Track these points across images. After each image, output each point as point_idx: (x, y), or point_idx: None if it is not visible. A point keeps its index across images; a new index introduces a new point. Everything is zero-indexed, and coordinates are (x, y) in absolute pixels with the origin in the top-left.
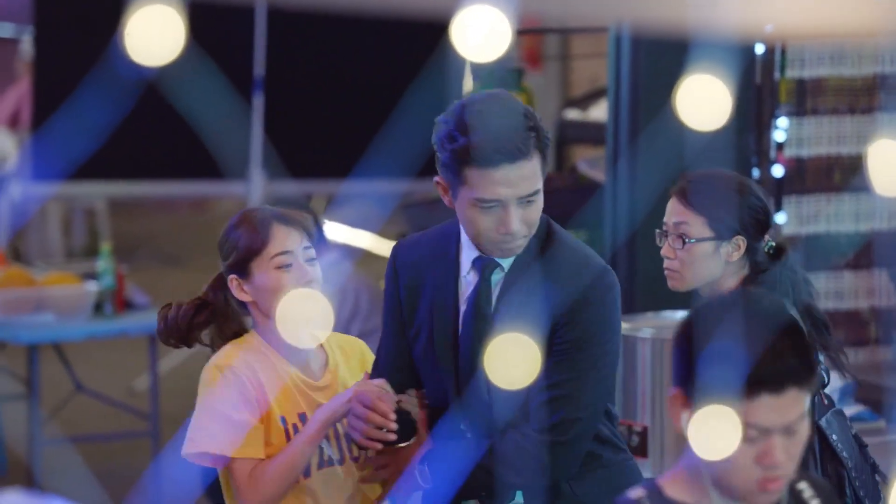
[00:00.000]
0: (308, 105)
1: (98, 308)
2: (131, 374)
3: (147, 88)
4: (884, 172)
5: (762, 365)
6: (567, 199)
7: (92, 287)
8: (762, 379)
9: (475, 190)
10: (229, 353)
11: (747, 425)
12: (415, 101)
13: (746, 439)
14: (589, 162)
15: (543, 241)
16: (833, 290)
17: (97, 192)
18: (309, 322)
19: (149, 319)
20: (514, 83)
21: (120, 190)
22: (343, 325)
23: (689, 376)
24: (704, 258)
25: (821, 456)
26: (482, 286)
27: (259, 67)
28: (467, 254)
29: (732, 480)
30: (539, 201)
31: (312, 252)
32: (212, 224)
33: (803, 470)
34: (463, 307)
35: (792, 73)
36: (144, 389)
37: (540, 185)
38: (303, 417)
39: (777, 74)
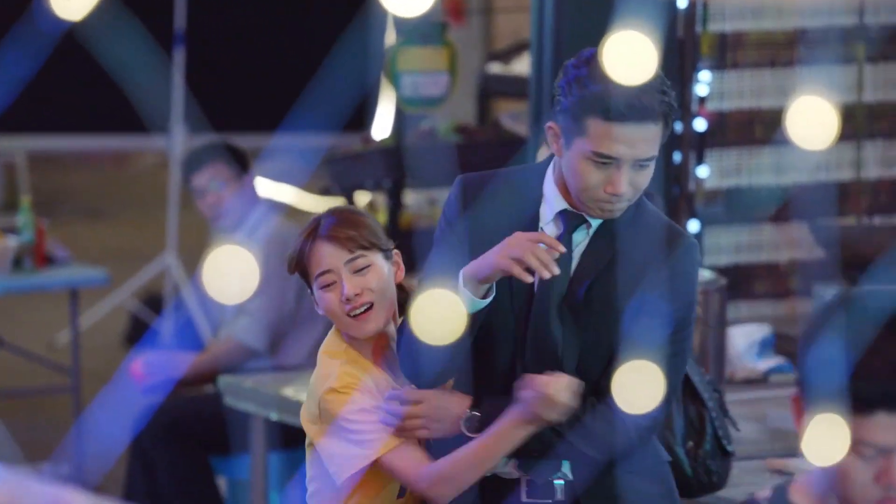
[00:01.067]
0: (231, 59)
1: (18, 263)
2: (52, 328)
3: (67, 42)
4: (804, 126)
5: (876, 380)
6: (490, 152)
7: (12, 242)
8: (876, 396)
9: (594, 143)
10: (339, 376)
11: (862, 443)
12: (338, 56)
13: (862, 457)
14: (512, 116)
15: (635, 209)
16: (754, 243)
17: (16, 145)
18: (233, 278)
19: (69, 274)
20: (437, 37)
21: (40, 144)
22: (277, 278)
23: (803, 380)
24: None
25: (683, 395)
26: (564, 242)
27: (180, 21)
28: (551, 204)
29: (852, 497)
30: (651, 168)
31: (363, 260)
32: (133, 178)
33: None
34: None
35: (713, 26)
36: (65, 344)
37: (657, 151)
38: None
39: (699, 28)
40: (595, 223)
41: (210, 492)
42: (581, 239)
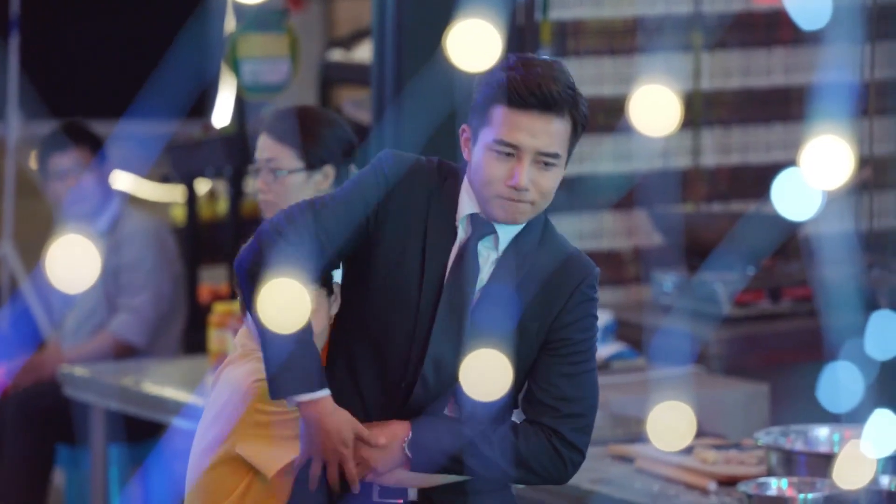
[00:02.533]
0: (70, 45)
1: None
2: None
3: None
4: (646, 114)
5: None
6: None
7: None
8: None
9: (496, 131)
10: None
11: None
12: (178, 42)
13: None
14: (354, 103)
15: (542, 233)
16: (595, 231)
17: None
18: (76, 267)
19: None
20: (277, 24)
21: None
22: (156, 272)
23: None
24: (297, 188)
25: None
26: (469, 249)
27: (14, 6)
28: (463, 206)
29: None
30: (556, 171)
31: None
32: None
33: None
34: (449, 263)
35: (553, 14)
36: None
37: (562, 151)
38: None
39: (538, 16)
40: (503, 238)
41: (46, 481)
42: (487, 251)
